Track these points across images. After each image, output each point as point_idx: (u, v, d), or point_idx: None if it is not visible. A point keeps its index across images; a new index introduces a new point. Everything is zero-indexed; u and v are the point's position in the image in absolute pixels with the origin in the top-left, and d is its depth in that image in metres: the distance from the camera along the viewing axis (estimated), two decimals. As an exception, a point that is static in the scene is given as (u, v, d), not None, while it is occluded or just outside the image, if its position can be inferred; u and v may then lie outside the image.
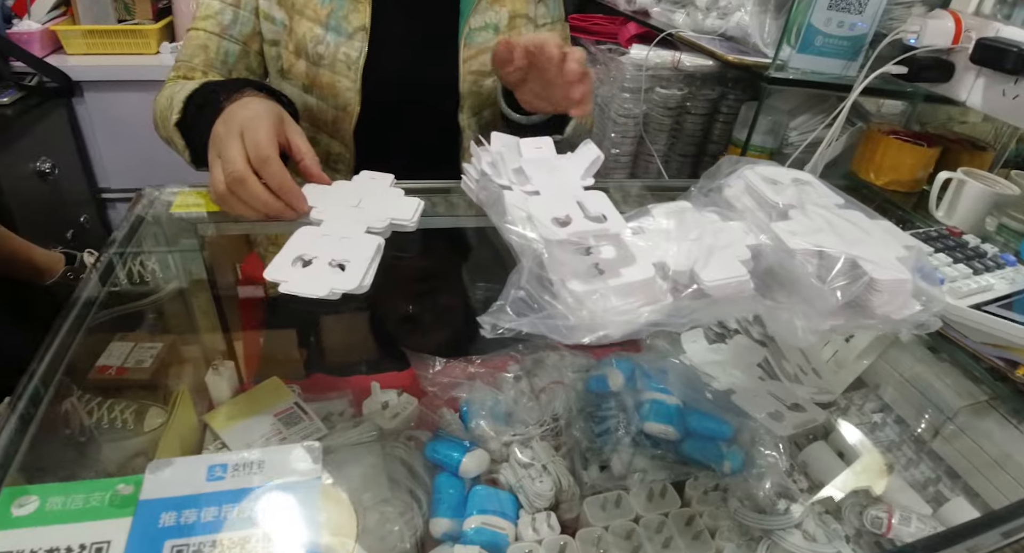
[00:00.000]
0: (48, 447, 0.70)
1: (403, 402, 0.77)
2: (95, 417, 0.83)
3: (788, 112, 1.06)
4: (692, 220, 0.54)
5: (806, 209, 0.54)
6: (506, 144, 0.64)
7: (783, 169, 0.64)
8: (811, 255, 0.48)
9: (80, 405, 0.84)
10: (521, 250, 0.47)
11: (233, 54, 0.82)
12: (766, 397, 0.68)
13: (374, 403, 0.76)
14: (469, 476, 0.65)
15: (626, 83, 1.28)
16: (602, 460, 0.70)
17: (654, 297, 0.49)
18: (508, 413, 0.76)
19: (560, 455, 0.70)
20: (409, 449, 0.70)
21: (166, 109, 0.72)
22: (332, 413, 0.78)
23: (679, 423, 0.70)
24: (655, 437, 0.70)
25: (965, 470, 0.68)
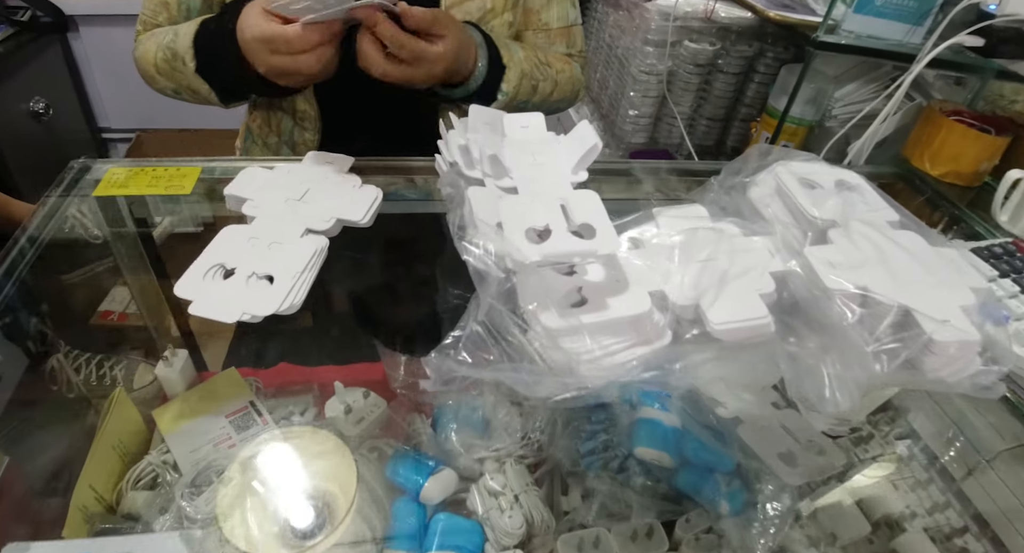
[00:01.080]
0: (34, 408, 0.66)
1: (370, 405, 0.69)
2: (82, 375, 0.78)
3: (834, 79, 0.92)
4: (704, 234, 0.43)
5: (851, 229, 0.43)
6: (486, 121, 0.53)
7: (825, 166, 0.52)
8: (853, 299, 0.37)
9: (67, 362, 0.78)
10: (479, 277, 0.37)
11: (195, 8, 0.75)
12: (777, 431, 0.58)
13: (337, 406, 0.68)
14: (432, 503, 0.58)
15: (650, 35, 1.12)
16: (585, 487, 0.62)
17: (649, 336, 0.39)
18: (486, 421, 0.68)
19: (537, 478, 0.62)
20: (370, 463, 0.62)
21: (168, 61, 0.68)
22: (293, 412, 0.71)
23: (675, 450, 0.61)
24: (647, 463, 0.62)
25: (998, 522, 0.59)
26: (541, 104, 0.83)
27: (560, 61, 0.84)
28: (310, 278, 0.43)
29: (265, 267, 0.42)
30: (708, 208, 0.50)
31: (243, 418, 0.66)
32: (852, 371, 0.36)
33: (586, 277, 0.41)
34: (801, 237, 0.44)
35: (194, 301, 0.40)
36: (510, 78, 0.73)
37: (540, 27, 0.84)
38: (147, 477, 0.61)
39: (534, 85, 0.78)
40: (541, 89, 0.80)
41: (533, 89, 0.78)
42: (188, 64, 0.66)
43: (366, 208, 0.49)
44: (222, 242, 0.44)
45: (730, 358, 0.38)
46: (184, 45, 0.66)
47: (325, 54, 0.56)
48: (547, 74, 0.80)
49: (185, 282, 0.41)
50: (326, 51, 0.56)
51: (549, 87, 0.81)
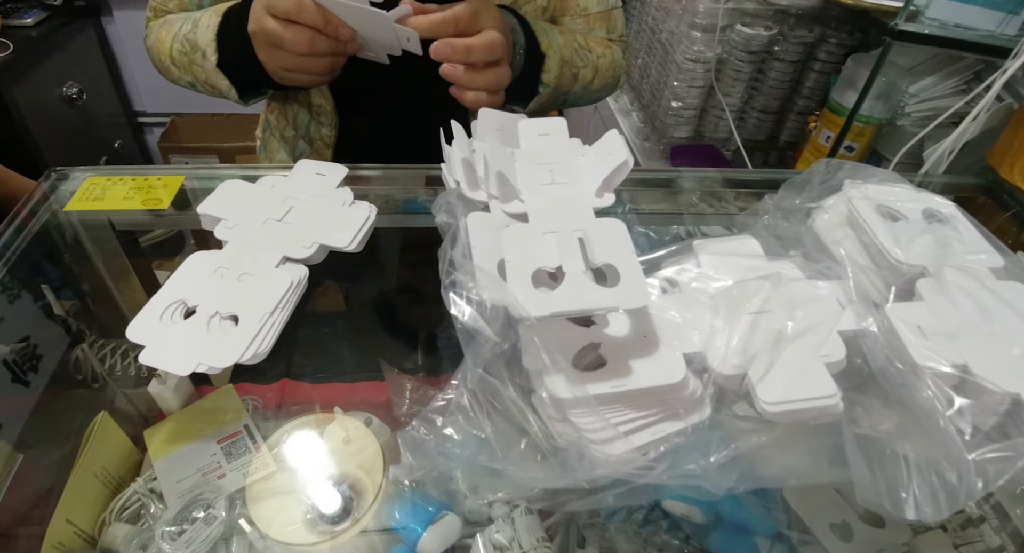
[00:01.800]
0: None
1: (373, 433, 0.64)
2: (107, 364, 0.76)
3: (908, 72, 0.80)
4: (758, 284, 0.35)
5: (945, 280, 0.34)
6: (500, 126, 0.46)
7: (910, 190, 0.42)
8: (948, 380, 0.29)
9: (92, 352, 0.76)
10: (467, 338, 0.30)
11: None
12: (831, 496, 0.50)
13: (336, 434, 0.63)
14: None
15: (698, 18, 1.02)
16: (603, 541, 0.55)
17: (681, 409, 0.32)
18: (499, 457, 0.61)
19: (550, 526, 0.55)
20: (368, 501, 0.57)
21: (186, 54, 0.65)
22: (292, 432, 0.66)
23: (708, 505, 0.53)
24: (676, 518, 0.55)
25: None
26: (582, 94, 0.75)
27: (600, 45, 0.75)
28: (283, 318, 0.36)
29: (230, 305, 0.36)
30: (762, 238, 0.41)
31: (236, 444, 0.62)
32: (945, 479, 0.27)
33: (606, 330, 0.34)
34: (882, 286, 0.35)
35: (146, 347, 0.34)
36: (550, 67, 0.65)
37: (578, 12, 0.76)
38: (132, 506, 0.57)
39: (575, 73, 0.70)
40: (582, 77, 0.72)
41: (574, 77, 0.70)
42: (209, 57, 0.62)
43: (355, 231, 0.42)
44: (186, 273, 0.38)
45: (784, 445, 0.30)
46: (206, 38, 0.62)
47: (316, 42, 0.52)
48: (587, 59, 0.72)
49: (138, 324, 0.35)
50: (317, 39, 0.52)
51: (590, 74, 0.73)
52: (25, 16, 1.68)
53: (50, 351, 0.65)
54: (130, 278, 0.63)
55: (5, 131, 1.58)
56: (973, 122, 0.68)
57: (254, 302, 0.36)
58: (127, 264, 0.59)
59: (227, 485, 0.55)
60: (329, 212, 0.43)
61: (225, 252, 0.39)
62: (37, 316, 0.63)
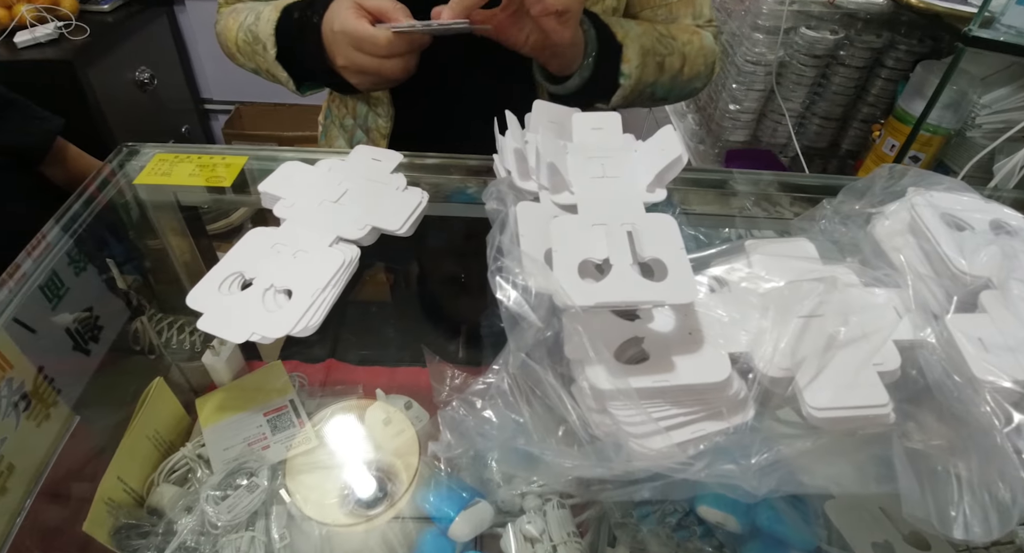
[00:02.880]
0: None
1: (411, 417, 0.65)
2: (164, 337, 0.80)
3: (981, 81, 0.76)
4: (811, 286, 0.34)
5: (1010, 293, 0.32)
6: (553, 118, 0.46)
7: (977, 200, 0.41)
8: (1008, 396, 0.28)
9: (150, 325, 0.80)
10: (512, 323, 0.30)
11: None
12: (874, 514, 0.48)
13: (377, 416, 0.64)
14: (462, 540, 0.53)
15: (760, 19, 0.99)
16: (635, 542, 0.55)
17: (724, 411, 0.31)
18: (532, 450, 0.61)
19: (581, 523, 0.55)
20: (402, 483, 0.58)
21: (249, 44, 0.69)
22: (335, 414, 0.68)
23: (745, 515, 0.52)
24: (710, 525, 0.54)
25: None
26: (672, 84, 0.70)
27: (685, 32, 0.71)
28: (333, 295, 0.38)
29: (285, 280, 0.37)
30: (818, 242, 0.40)
31: (281, 418, 0.64)
32: (997, 494, 0.26)
33: (650, 325, 0.33)
34: (942, 296, 0.34)
35: (204, 314, 0.36)
36: (630, 56, 0.61)
37: (659, 3, 0.72)
38: (180, 470, 0.60)
39: (659, 62, 0.66)
40: (668, 65, 0.67)
41: (659, 67, 0.66)
42: (269, 50, 0.65)
43: (406, 215, 0.43)
44: (245, 247, 0.39)
45: (829, 454, 0.29)
46: (266, 32, 0.65)
47: (410, 61, 0.55)
48: (672, 47, 0.68)
49: (198, 292, 0.37)
50: (411, 60, 0.55)
51: (678, 62, 0.68)
52: (103, 2, 1.77)
53: (111, 322, 0.68)
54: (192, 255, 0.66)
55: (80, 112, 1.66)
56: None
57: (307, 278, 0.37)
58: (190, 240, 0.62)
59: (270, 456, 0.57)
60: (383, 196, 0.45)
61: (282, 229, 0.41)
62: (101, 288, 0.67)
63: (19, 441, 0.50)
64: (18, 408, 0.52)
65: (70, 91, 1.61)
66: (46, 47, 1.59)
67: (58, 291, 0.58)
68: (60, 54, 1.57)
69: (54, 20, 1.60)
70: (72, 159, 1.27)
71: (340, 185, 0.45)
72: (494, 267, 0.32)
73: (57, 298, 0.58)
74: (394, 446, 0.58)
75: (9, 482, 0.48)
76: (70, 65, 1.57)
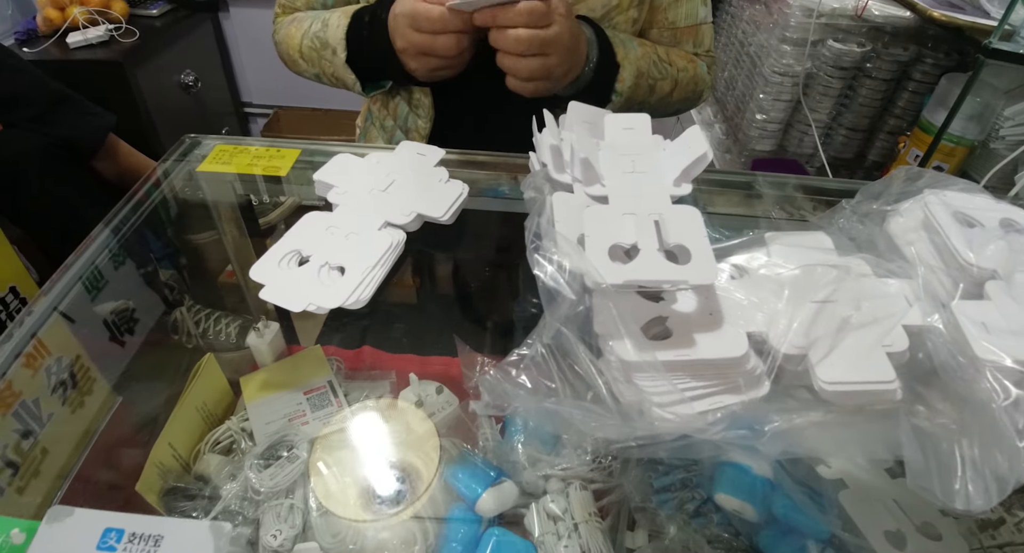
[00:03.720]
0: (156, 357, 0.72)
1: (441, 401, 0.68)
2: (201, 327, 0.84)
3: (1005, 94, 0.77)
4: (825, 270, 0.37)
5: (1015, 283, 0.34)
6: (586, 119, 0.49)
7: (990, 200, 0.43)
8: (1009, 375, 0.30)
9: (188, 315, 0.85)
10: (549, 297, 0.33)
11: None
12: (888, 504, 0.50)
13: (409, 397, 0.68)
14: (487, 515, 0.56)
15: (788, 32, 1.02)
16: (654, 526, 0.57)
17: (741, 384, 0.34)
18: (557, 437, 0.64)
19: (602, 507, 0.58)
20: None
21: (316, 50, 0.73)
22: (369, 396, 0.71)
23: (761, 503, 0.54)
24: (727, 513, 0.56)
25: None
26: (659, 105, 0.77)
27: (683, 59, 0.78)
28: (381, 273, 0.41)
29: (339, 258, 0.41)
30: (835, 237, 0.43)
31: (320, 397, 0.68)
32: (995, 466, 0.28)
33: (674, 306, 0.36)
34: (950, 286, 0.36)
35: (266, 285, 0.39)
36: (624, 77, 0.69)
37: (666, 25, 0.79)
38: (225, 441, 0.64)
39: (651, 84, 0.73)
40: (659, 88, 0.75)
41: (650, 89, 0.73)
42: (339, 54, 0.69)
43: (448, 204, 0.46)
44: (302, 229, 0.43)
45: (838, 427, 0.32)
46: (336, 37, 0.69)
47: (463, 41, 0.58)
48: (666, 72, 0.75)
49: (261, 266, 0.40)
50: (463, 38, 0.58)
51: (668, 86, 0.76)
52: (151, 7, 1.85)
53: (150, 311, 0.73)
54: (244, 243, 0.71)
55: (127, 111, 1.75)
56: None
57: (358, 257, 0.41)
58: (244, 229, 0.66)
59: (309, 431, 0.61)
60: (427, 187, 0.48)
61: (335, 214, 0.45)
62: (139, 283, 0.71)
63: (63, 418, 0.55)
64: (65, 387, 0.56)
65: (119, 91, 1.69)
66: (97, 48, 1.67)
67: (98, 284, 0.62)
68: (110, 55, 1.66)
69: (105, 23, 1.68)
70: (123, 155, 1.34)
71: (388, 176, 0.48)
72: (532, 247, 0.35)
73: (97, 290, 0.62)
74: (424, 428, 0.61)
75: (54, 454, 0.52)
76: (119, 66, 1.65)
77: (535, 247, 0.35)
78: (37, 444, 0.50)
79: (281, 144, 0.58)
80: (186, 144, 0.59)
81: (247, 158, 0.55)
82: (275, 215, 0.68)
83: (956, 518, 0.55)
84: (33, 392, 0.49)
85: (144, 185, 0.58)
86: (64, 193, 1.22)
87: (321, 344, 0.74)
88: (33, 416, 0.50)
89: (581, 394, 0.33)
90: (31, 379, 0.50)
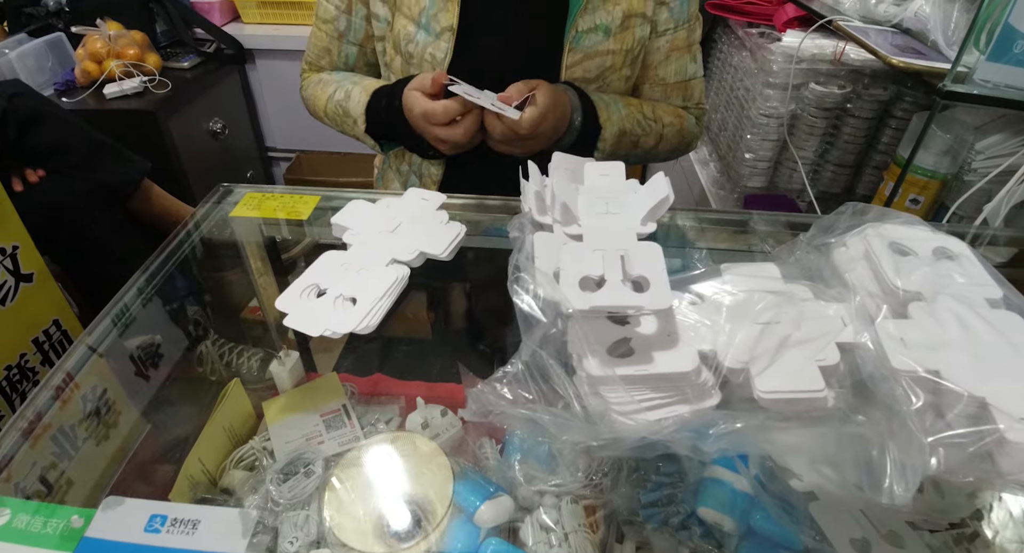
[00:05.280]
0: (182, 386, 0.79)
1: (446, 423, 0.73)
2: (225, 361, 0.90)
3: (976, 130, 0.83)
4: (771, 297, 0.42)
5: (937, 304, 0.39)
6: (568, 167, 0.56)
7: (927, 231, 0.48)
8: (921, 383, 0.35)
9: (213, 349, 0.91)
10: (525, 322, 0.39)
11: (352, 55, 0.88)
12: (854, 515, 0.54)
13: (416, 419, 0.73)
14: (485, 526, 0.60)
15: (772, 77, 1.09)
16: (641, 538, 0.61)
17: (693, 396, 0.39)
18: (553, 456, 0.69)
19: (592, 522, 0.62)
20: (436, 479, 0.66)
21: (340, 115, 0.84)
22: (380, 419, 0.76)
23: (741, 516, 0.58)
24: (709, 526, 0.60)
25: None
26: (643, 156, 0.85)
27: (670, 114, 0.85)
28: (388, 303, 0.47)
29: (351, 290, 0.47)
30: (788, 268, 0.48)
31: (334, 419, 0.73)
32: (909, 460, 0.33)
33: (637, 329, 0.42)
34: (882, 310, 0.41)
35: (289, 314, 0.46)
36: (606, 137, 0.77)
37: (657, 81, 0.86)
38: (248, 459, 0.69)
39: (634, 141, 0.81)
40: (643, 143, 0.82)
41: (633, 144, 0.81)
42: (359, 125, 0.81)
43: (447, 243, 0.53)
44: (320, 265, 0.50)
45: (775, 430, 0.37)
46: (357, 111, 0.80)
47: (469, 127, 0.69)
48: (650, 129, 0.82)
49: (285, 297, 0.47)
50: (469, 125, 0.68)
51: (652, 141, 0.83)
52: (183, 60, 1.98)
53: (177, 345, 0.79)
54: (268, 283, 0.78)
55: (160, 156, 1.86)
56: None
57: (368, 289, 0.47)
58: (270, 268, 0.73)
59: (325, 450, 0.66)
60: (429, 228, 0.55)
61: (349, 252, 0.51)
62: (168, 317, 0.77)
63: (95, 444, 0.60)
64: (99, 414, 0.62)
65: (152, 138, 1.81)
66: (132, 99, 1.79)
67: (126, 320, 0.69)
68: (144, 105, 1.78)
69: (140, 75, 1.80)
70: (156, 198, 1.44)
71: (395, 219, 0.55)
72: (512, 278, 0.41)
73: (124, 326, 0.68)
74: (430, 480, 0.63)
75: (87, 474, 0.57)
76: (153, 115, 1.77)
77: (515, 279, 0.41)
78: (71, 466, 0.56)
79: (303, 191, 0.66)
80: (219, 192, 0.67)
81: (273, 205, 0.62)
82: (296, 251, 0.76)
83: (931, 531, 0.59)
84: (68, 420, 0.55)
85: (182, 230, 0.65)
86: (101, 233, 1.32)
87: (337, 372, 0.80)
88: (70, 440, 0.56)
89: (554, 404, 0.39)
90: (64, 409, 0.56)
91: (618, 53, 0.79)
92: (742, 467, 0.61)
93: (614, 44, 0.78)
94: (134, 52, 1.81)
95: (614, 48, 0.78)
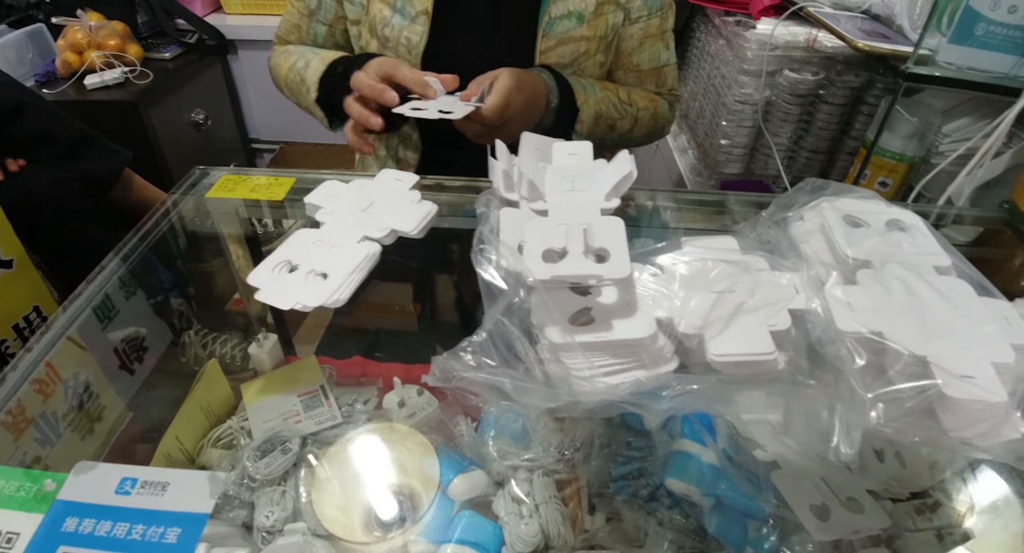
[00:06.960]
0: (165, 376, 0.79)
1: (422, 402, 0.74)
2: (208, 350, 0.91)
3: (943, 113, 0.85)
4: (727, 266, 0.44)
5: (885, 271, 0.41)
6: (537, 146, 0.57)
7: (881, 204, 0.50)
8: (864, 343, 0.36)
9: (196, 339, 0.92)
10: (488, 292, 0.41)
11: (321, 34, 0.88)
12: (815, 482, 0.55)
13: (393, 399, 0.74)
14: (459, 499, 0.61)
15: (746, 64, 1.10)
16: (611, 510, 0.62)
17: (651, 361, 0.41)
18: (526, 432, 0.70)
19: (565, 494, 0.63)
20: (413, 455, 0.67)
21: (296, 84, 0.84)
22: (357, 400, 0.77)
23: (708, 487, 0.60)
24: (677, 497, 0.61)
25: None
26: (621, 140, 0.86)
27: (645, 99, 0.86)
28: (358, 278, 0.48)
29: (322, 266, 0.48)
30: (748, 241, 0.50)
31: (312, 399, 0.74)
32: (851, 417, 0.35)
33: (598, 299, 0.43)
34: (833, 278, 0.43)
35: (261, 289, 0.47)
36: (583, 119, 0.78)
37: (631, 68, 0.87)
38: (226, 438, 0.70)
39: (610, 124, 0.81)
40: (619, 127, 0.83)
41: (610, 127, 0.82)
42: (311, 93, 0.80)
43: (418, 221, 0.54)
44: (293, 242, 0.51)
45: (729, 392, 0.38)
46: (312, 79, 0.80)
47: (361, 113, 0.68)
48: (626, 112, 0.83)
49: (257, 273, 0.48)
50: (361, 110, 0.68)
51: (628, 124, 0.84)
52: (164, 50, 1.97)
53: (161, 337, 0.80)
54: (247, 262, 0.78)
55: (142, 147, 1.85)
56: (996, 159, 0.72)
57: (339, 264, 0.48)
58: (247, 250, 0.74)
59: (302, 429, 0.67)
60: (400, 207, 0.56)
61: (322, 230, 0.52)
62: (148, 311, 0.77)
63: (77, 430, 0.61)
64: (81, 404, 0.63)
65: (133, 129, 1.80)
66: (113, 89, 1.77)
67: (109, 313, 0.69)
68: (125, 96, 1.76)
69: (121, 66, 1.79)
70: (137, 187, 1.44)
71: (368, 198, 0.56)
72: (476, 249, 0.42)
73: (108, 319, 0.69)
74: (416, 469, 0.64)
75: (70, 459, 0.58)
76: (134, 106, 1.76)
77: (479, 250, 0.42)
78: (52, 453, 0.56)
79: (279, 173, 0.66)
80: (195, 175, 0.67)
81: (249, 186, 0.63)
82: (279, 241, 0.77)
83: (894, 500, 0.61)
84: (51, 407, 0.56)
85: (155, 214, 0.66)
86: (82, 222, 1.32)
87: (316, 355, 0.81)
88: (51, 427, 0.57)
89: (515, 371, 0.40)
90: (49, 398, 0.56)
91: (592, 39, 0.80)
92: (709, 440, 0.62)
93: (588, 30, 0.79)
94: (115, 43, 1.80)
95: (588, 34, 0.79)
